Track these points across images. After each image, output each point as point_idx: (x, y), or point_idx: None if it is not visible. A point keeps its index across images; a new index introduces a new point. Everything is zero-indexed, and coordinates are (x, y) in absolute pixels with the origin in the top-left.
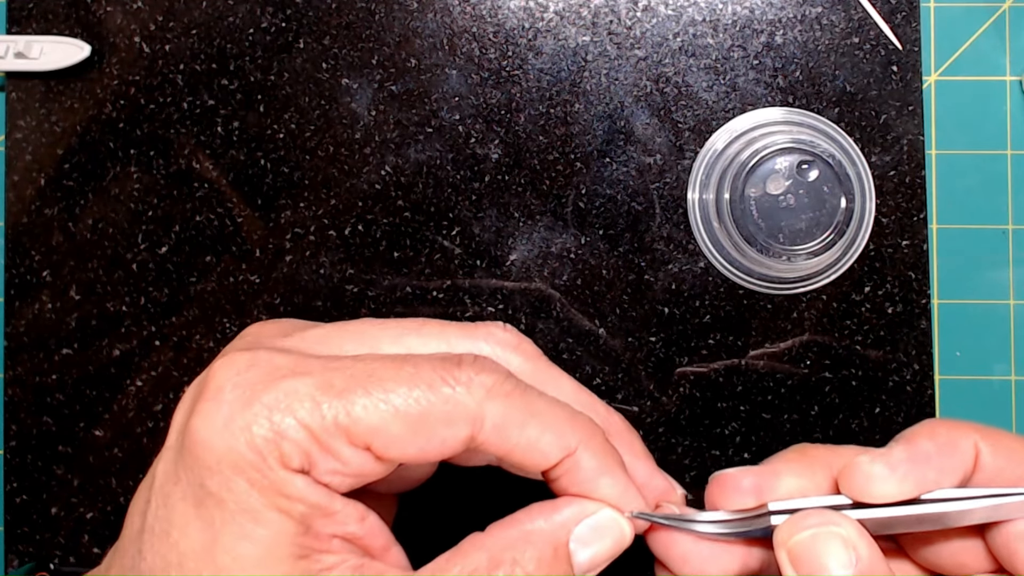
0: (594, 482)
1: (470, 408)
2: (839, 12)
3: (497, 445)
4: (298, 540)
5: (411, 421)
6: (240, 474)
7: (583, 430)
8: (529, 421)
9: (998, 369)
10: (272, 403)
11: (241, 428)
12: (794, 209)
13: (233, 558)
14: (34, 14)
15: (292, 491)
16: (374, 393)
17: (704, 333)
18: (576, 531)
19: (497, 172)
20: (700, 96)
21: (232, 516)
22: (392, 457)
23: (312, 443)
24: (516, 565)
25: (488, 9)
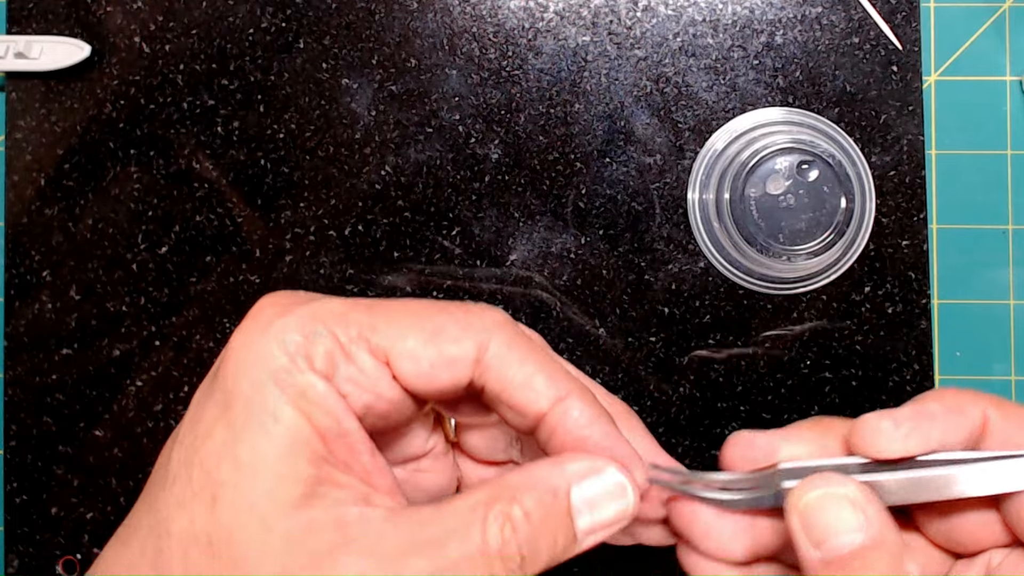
0: (587, 431)
1: (479, 329)
2: (839, 12)
3: (496, 376)
4: (313, 446)
5: (425, 335)
6: (270, 375)
7: (577, 383)
8: (528, 359)
9: (998, 369)
10: (306, 314)
11: (276, 334)
12: (794, 209)
13: (252, 454)
14: (34, 14)
15: (314, 394)
16: (396, 312)
17: (704, 333)
18: (578, 482)
19: (497, 172)
20: (700, 96)
21: (255, 415)
22: (405, 369)
23: (337, 348)
24: (514, 503)
25: (488, 9)
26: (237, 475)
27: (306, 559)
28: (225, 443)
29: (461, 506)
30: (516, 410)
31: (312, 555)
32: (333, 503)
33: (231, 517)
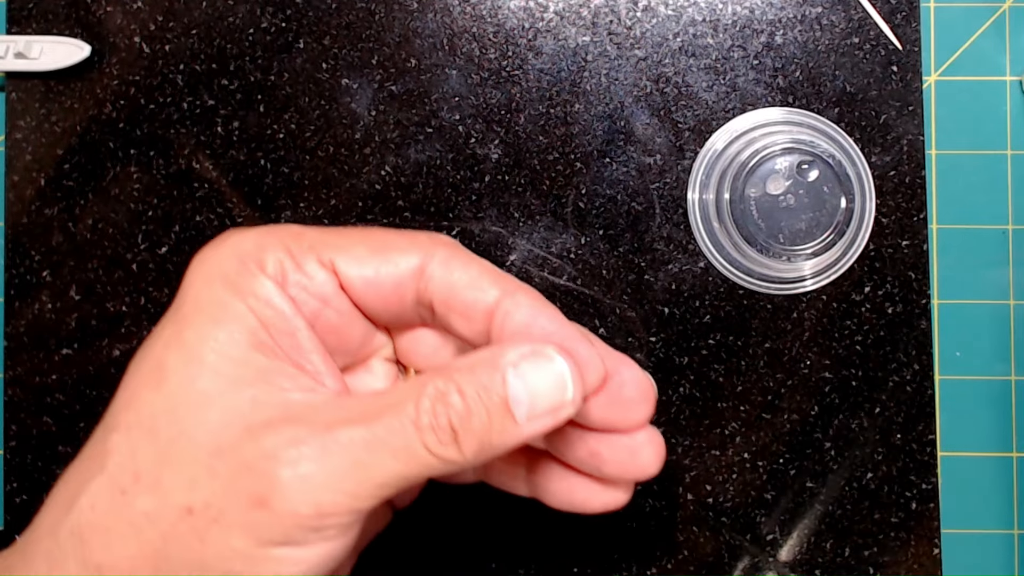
0: (532, 319)
1: (424, 243)
2: (839, 12)
3: (441, 281)
4: (260, 336)
5: (372, 245)
6: (220, 276)
7: (524, 284)
8: (473, 264)
9: (998, 369)
10: (261, 230)
11: (230, 245)
12: (794, 209)
13: (198, 337)
14: (34, 14)
15: (262, 292)
16: (346, 230)
17: (704, 333)
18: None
19: (497, 172)
20: (700, 96)
21: (203, 306)
22: (351, 276)
23: (287, 258)
24: (450, 382)
25: (488, 9)
26: (183, 357)
27: (242, 431)
28: (172, 333)
29: (402, 387)
30: (464, 313)
31: (249, 428)
32: (279, 389)
33: (174, 396)
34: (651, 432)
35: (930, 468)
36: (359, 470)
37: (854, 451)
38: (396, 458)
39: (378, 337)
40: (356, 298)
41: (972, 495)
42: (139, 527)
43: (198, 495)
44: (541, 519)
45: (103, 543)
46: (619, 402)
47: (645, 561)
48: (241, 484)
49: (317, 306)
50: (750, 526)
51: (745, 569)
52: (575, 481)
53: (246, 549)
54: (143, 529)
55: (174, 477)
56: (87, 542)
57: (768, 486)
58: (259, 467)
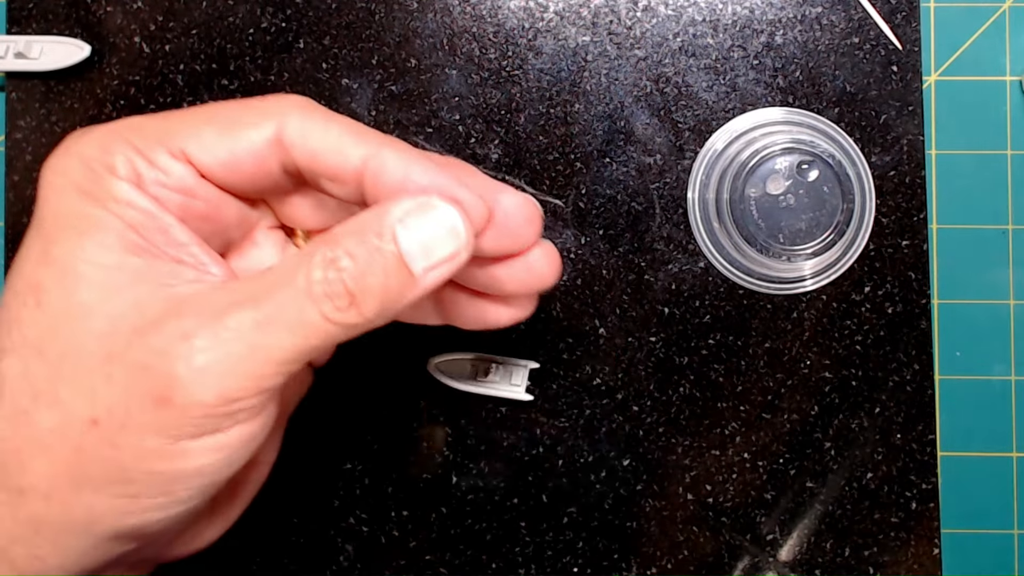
0: (404, 174)
1: (275, 111)
2: (839, 12)
3: (302, 150)
4: (129, 238)
5: (221, 125)
6: (73, 188)
7: (389, 138)
8: (331, 125)
9: (998, 369)
10: (101, 131)
11: (74, 153)
12: (794, 209)
13: (67, 252)
14: (34, 14)
15: (120, 195)
16: (190, 113)
17: (704, 333)
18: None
19: (497, 172)
20: (700, 96)
21: (64, 220)
22: (206, 162)
23: (136, 155)
24: (338, 247)
25: (488, 9)
26: (55, 273)
27: (130, 334)
28: (40, 251)
29: (286, 260)
30: (332, 177)
31: (136, 329)
32: (161, 286)
33: (55, 313)
34: (543, 246)
35: (930, 468)
36: (256, 352)
37: (854, 451)
38: (293, 332)
39: (255, 211)
40: (219, 181)
41: (972, 495)
42: (48, 444)
43: (100, 404)
44: (541, 519)
45: (17, 466)
46: (506, 231)
47: (645, 561)
48: (140, 386)
49: (182, 199)
50: (750, 526)
51: (745, 569)
52: (481, 303)
53: (161, 447)
54: (52, 446)
55: (72, 391)
56: (5, 467)
57: (768, 486)
58: (154, 366)
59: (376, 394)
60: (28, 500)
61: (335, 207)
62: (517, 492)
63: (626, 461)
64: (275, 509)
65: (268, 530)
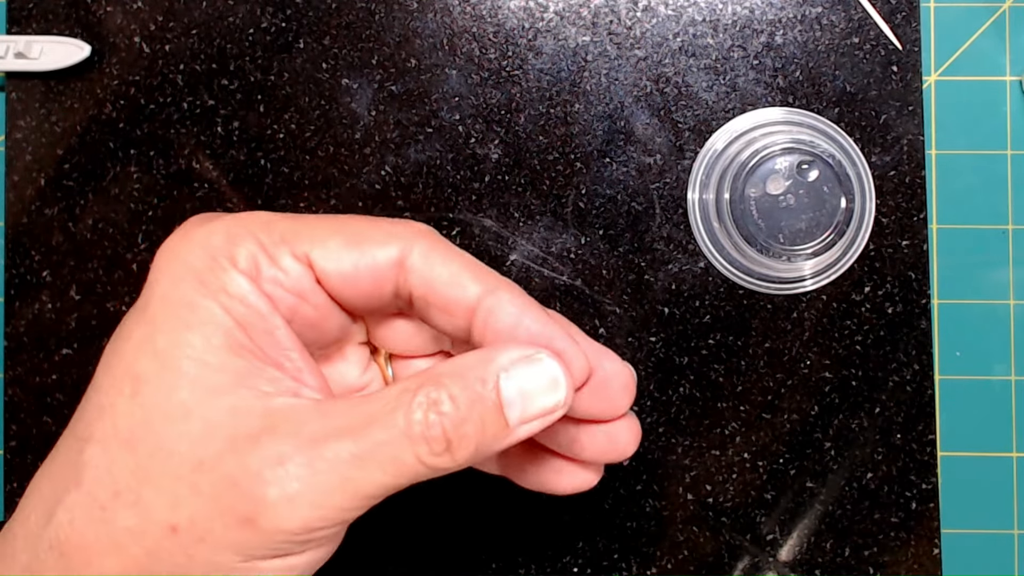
0: (517, 321)
1: (402, 235)
2: (839, 12)
3: (420, 276)
4: (236, 337)
5: (349, 237)
6: (190, 272)
7: (506, 280)
8: (453, 259)
9: (998, 369)
10: (230, 221)
11: (199, 238)
12: (794, 209)
13: (170, 343)
14: (34, 14)
15: (235, 289)
16: (320, 219)
17: (704, 333)
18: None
19: (497, 172)
20: (700, 96)
21: (173, 307)
22: (327, 270)
23: (260, 251)
24: (442, 388)
25: (488, 9)
26: (156, 365)
27: (224, 444)
28: (144, 338)
29: (388, 393)
30: (444, 308)
31: (231, 440)
32: (259, 394)
33: (151, 408)
34: (629, 417)
35: (930, 468)
36: (347, 484)
37: (854, 451)
38: (385, 471)
39: (354, 326)
40: (332, 291)
41: (972, 495)
42: (122, 544)
43: (182, 513)
44: (542, 519)
45: (84, 559)
46: (602, 395)
47: (645, 561)
48: (226, 502)
49: (294, 302)
50: (750, 526)
51: (745, 569)
52: (547, 464)
53: (233, 564)
54: (126, 546)
55: (156, 494)
56: (68, 558)
57: (768, 486)
58: (245, 485)
59: None
60: None
61: (429, 337)
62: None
63: (626, 461)
64: None
65: None
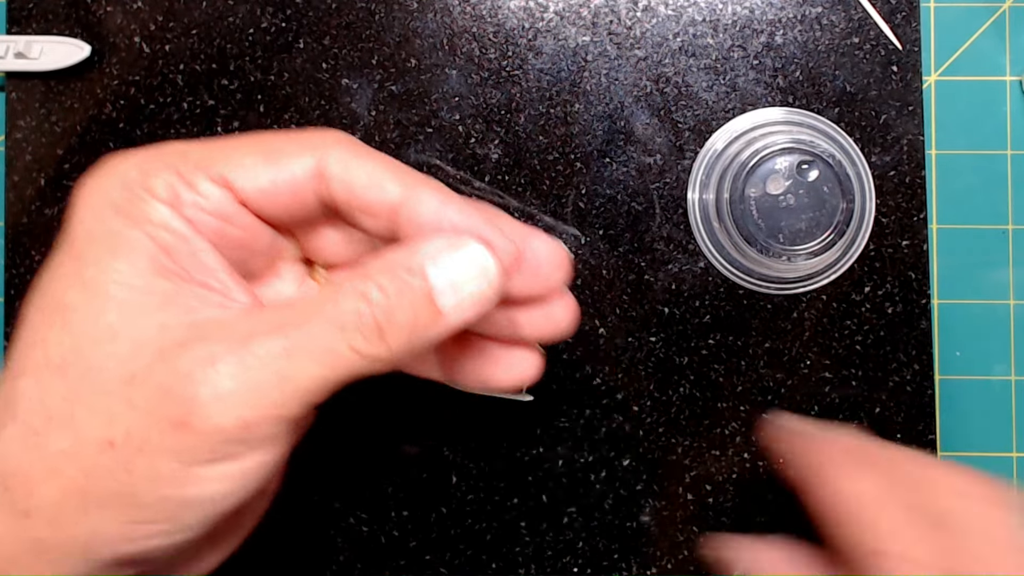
0: (439, 214)
1: (317, 144)
2: (839, 12)
3: (340, 183)
4: (161, 261)
5: (264, 154)
6: (109, 207)
7: (427, 178)
8: (371, 161)
9: (998, 369)
10: (143, 154)
11: (115, 174)
12: (794, 209)
13: (97, 272)
14: (34, 14)
15: (156, 217)
16: (233, 141)
17: (704, 333)
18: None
19: (497, 172)
20: (700, 96)
21: (98, 240)
22: (246, 189)
23: (176, 179)
24: (369, 281)
25: (488, 9)
26: (84, 294)
27: (154, 356)
28: (71, 271)
29: (319, 293)
30: (367, 211)
31: (160, 351)
32: (188, 309)
33: (79, 334)
34: (565, 296)
35: None
36: (281, 379)
37: None
38: (320, 363)
39: (283, 241)
40: (256, 209)
41: None
42: (58, 468)
43: (117, 427)
44: (541, 519)
45: (25, 490)
46: (536, 273)
47: (645, 561)
48: (161, 409)
49: (218, 224)
50: (750, 526)
51: None
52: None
53: (174, 472)
54: (63, 469)
55: (89, 413)
56: (11, 490)
57: (768, 486)
58: (177, 389)
59: (376, 394)
60: (33, 524)
61: (361, 243)
62: (517, 492)
63: (626, 461)
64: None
65: (268, 530)
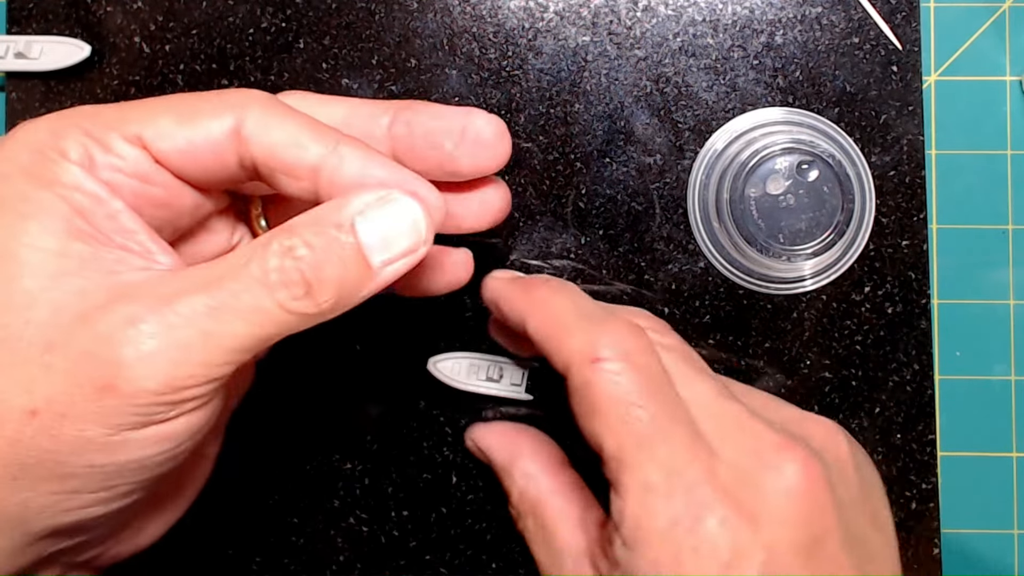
0: (363, 170)
1: (235, 103)
2: (839, 12)
3: (260, 143)
4: (75, 223)
5: (179, 113)
6: (19, 171)
7: (346, 135)
8: (289, 120)
9: (998, 369)
10: (53, 117)
11: (22, 139)
12: (794, 209)
13: (8, 237)
14: (34, 14)
15: (68, 179)
16: (148, 102)
17: (704, 333)
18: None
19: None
20: (700, 96)
21: (7, 204)
22: (163, 150)
23: (89, 140)
24: (295, 236)
25: (488, 9)
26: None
27: (73, 320)
28: None
29: (242, 249)
30: (288, 172)
31: (80, 315)
32: (108, 272)
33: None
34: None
35: (930, 468)
36: (207, 338)
37: None
38: (247, 320)
39: (210, 200)
40: (175, 169)
41: (972, 495)
42: None
43: (38, 394)
44: None
45: None
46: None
47: None
48: (83, 374)
49: (136, 185)
50: None
51: None
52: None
53: (102, 437)
54: None
55: (8, 382)
56: None
57: None
58: (99, 352)
59: (376, 394)
60: None
61: None
62: None
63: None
64: (275, 509)
65: (268, 530)
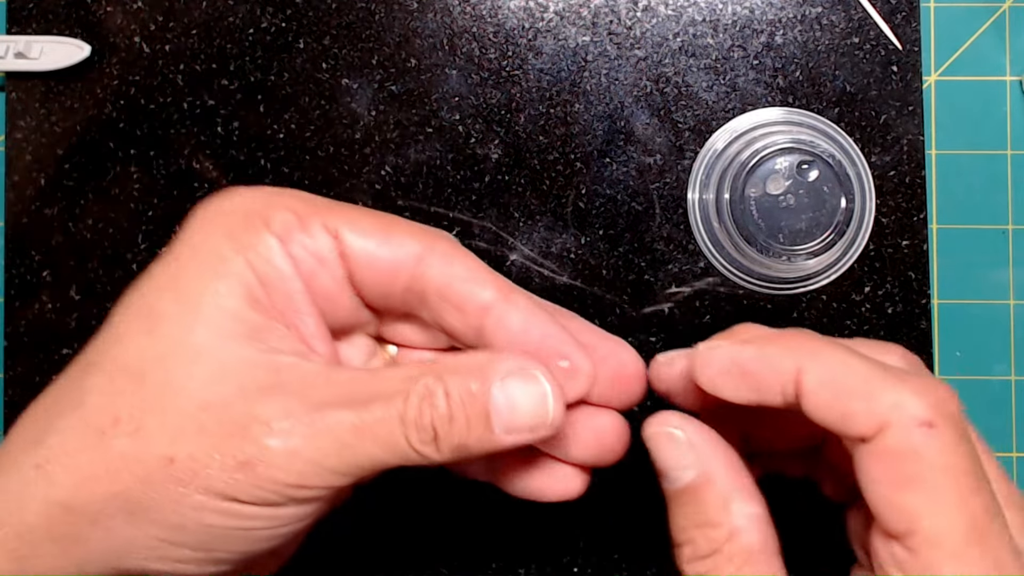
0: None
1: (427, 234)
2: (839, 12)
3: (439, 271)
4: (256, 292)
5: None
6: (222, 229)
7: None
8: (472, 260)
9: (998, 369)
10: (271, 190)
11: (238, 202)
12: (794, 209)
13: (195, 286)
14: (34, 14)
15: (263, 249)
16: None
17: (704, 333)
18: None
19: (497, 172)
20: (700, 96)
21: (202, 256)
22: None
23: (293, 219)
24: (440, 382)
25: (488, 9)
26: (177, 306)
27: (234, 390)
28: (167, 280)
29: (393, 375)
30: (459, 306)
31: (241, 388)
32: (270, 349)
33: (166, 345)
34: (618, 419)
35: None
36: (343, 451)
37: None
38: (378, 446)
39: (364, 314)
40: (352, 269)
41: None
42: (115, 470)
43: (182, 447)
44: (542, 519)
45: (73, 483)
46: (619, 382)
47: (645, 561)
48: (229, 444)
49: (314, 266)
50: None
51: None
52: (535, 465)
53: (222, 504)
54: (119, 472)
55: (159, 426)
56: (55, 481)
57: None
58: (250, 431)
59: None
60: (73, 520)
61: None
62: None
63: (626, 460)
64: None
65: None
